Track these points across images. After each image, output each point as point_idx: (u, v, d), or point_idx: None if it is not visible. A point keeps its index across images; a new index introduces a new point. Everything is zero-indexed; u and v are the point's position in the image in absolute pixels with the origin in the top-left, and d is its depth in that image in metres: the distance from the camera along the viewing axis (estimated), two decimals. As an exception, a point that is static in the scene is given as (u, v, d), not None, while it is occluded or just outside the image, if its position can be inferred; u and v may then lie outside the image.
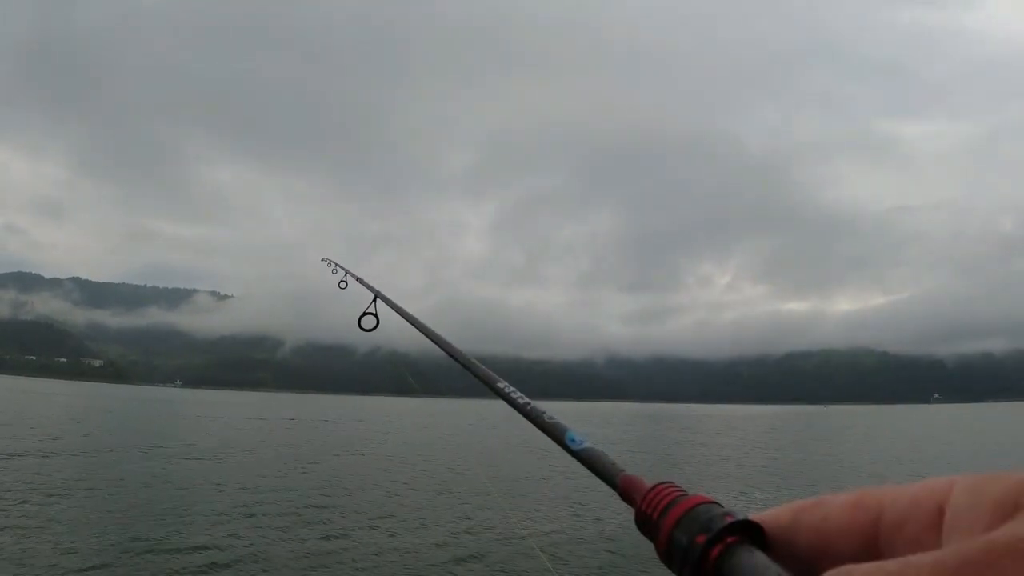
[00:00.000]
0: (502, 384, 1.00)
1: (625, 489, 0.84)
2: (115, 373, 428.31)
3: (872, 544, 0.83)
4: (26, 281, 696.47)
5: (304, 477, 19.97)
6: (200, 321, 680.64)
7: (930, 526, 0.83)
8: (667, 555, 0.84)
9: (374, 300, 2.14)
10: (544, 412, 0.87)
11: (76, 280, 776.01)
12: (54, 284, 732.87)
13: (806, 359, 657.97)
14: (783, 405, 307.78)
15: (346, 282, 2.82)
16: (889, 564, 0.82)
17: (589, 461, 0.85)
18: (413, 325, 1.64)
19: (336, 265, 3.07)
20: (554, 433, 0.87)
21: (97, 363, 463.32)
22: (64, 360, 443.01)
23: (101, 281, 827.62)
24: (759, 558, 0.83)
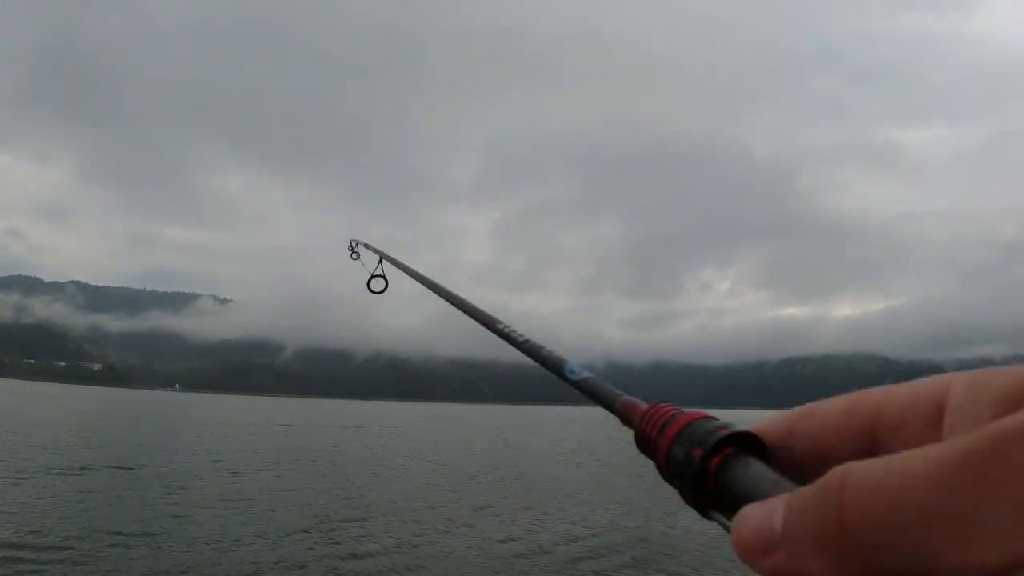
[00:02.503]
0: (501, 325, 1.03)
1: (624, 411, 0.86)
2: (114, 377, 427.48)
3: (870, 446, 0.82)
4: (26, 285, 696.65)
5: (312, 487, 19.58)
6: (201, 325, 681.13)
7: (929, 424, 0.82)
8: (667, 470, 0.84)
9: (380, 262, 2.13)
10: (543, 347, 0.90)
11: (77, 284, 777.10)
12: (55, 288, 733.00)
13: (805, 364, 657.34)
14: (783, 411, 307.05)
15: (357, 253, 2.76)
16: (892, 458, 0.81)
17: (589, 390, 0.87)
18: (419, 281, 1.64)
19: (353, 242, 2.93)
20: (553, 365, 0.89)
21: (96, 367, 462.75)
22: (63, 364, 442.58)
23: (102, 285, 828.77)
24: (757, 467, 0.84)
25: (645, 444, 0.85)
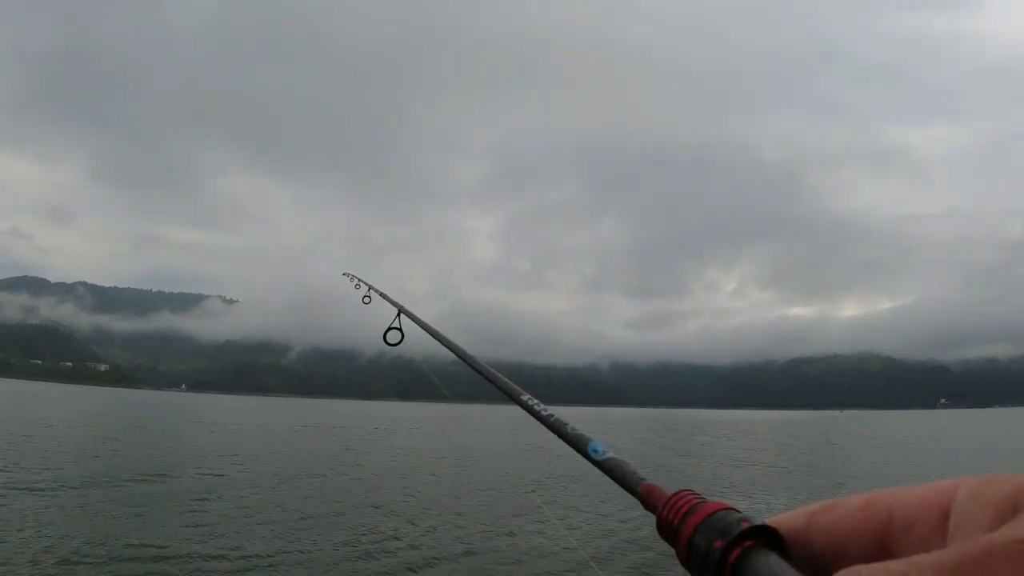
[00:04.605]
0: (526, 397, 1.03)
1: (647, 497, 0.87)
2: (120, 377, 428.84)
3: (883, 545, 0.86)
4: (34, 285, 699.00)
5: (328, 487, 19.46)
6: (206, 326, 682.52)
7: (936, 527, 0.87)
8: (687, 560, 0.87)
9: (398, 315, 2.13)
10: (567, 424, 0.90)
11: (84, 285, 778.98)
12: (62, 288, 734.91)
13: (811, 365, 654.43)
14: (790, 411, 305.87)
15: (370, 297, 2.79)
16: (893, 564, 0.86)
17: (612, 471, 0.87)
18: (437, 339, 1.64)
19: (359, 280, 3.02)
20: (577, 444, 0.89)
21: (102, 367, 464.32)
22: (70, 364, 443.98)
23: (109, 286, 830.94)
24: (775, 561, 0.87)
25: (667, 531, 0.88)
